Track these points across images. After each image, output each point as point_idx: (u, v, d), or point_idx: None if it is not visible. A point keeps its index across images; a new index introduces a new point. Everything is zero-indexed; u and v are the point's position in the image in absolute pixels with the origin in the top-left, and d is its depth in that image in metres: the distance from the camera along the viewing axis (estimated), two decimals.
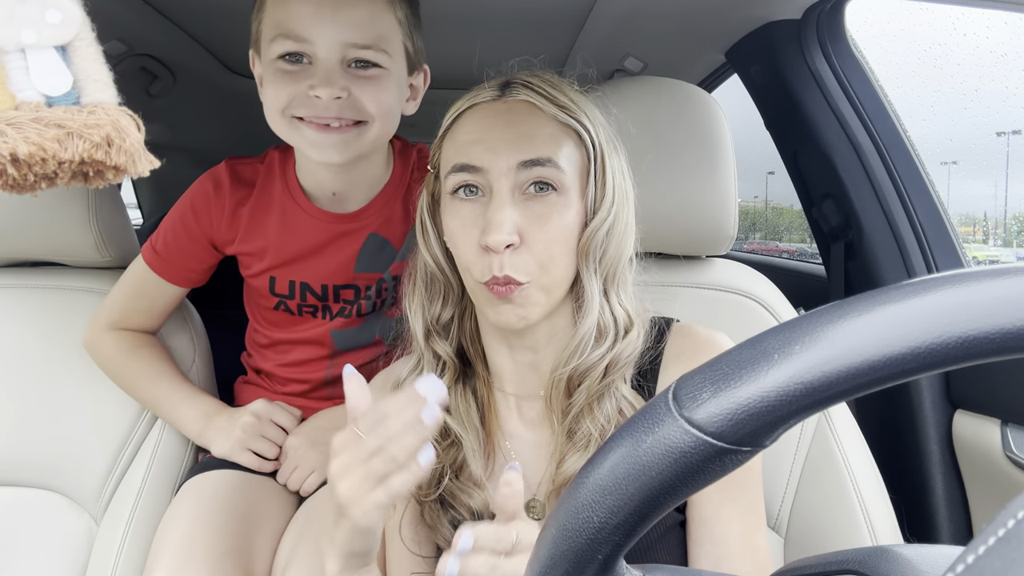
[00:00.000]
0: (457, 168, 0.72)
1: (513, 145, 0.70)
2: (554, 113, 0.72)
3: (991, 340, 0.29)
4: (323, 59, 0.87)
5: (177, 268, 1.08)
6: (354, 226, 1.05)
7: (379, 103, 0.90)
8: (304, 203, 1.04)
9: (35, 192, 0.40)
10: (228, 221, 1.05)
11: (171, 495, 1.08)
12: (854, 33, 1.35)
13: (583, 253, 0.73)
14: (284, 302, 1.10)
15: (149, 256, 1.07)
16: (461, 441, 0.76)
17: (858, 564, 0.42)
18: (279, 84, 0.88)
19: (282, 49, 0.87)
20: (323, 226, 1.04)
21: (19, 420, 1.11)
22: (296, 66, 0.88)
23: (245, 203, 1.04)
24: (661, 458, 0.33)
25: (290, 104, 0.88)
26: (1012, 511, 0.25)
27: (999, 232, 2.37)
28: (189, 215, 1.05)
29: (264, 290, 1.09)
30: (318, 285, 1.07)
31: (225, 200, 1.04)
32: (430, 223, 0.79)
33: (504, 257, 0.68)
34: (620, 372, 0.74)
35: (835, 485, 0.94)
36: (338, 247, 1.05)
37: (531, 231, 0.69)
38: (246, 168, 1.06)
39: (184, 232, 1.06)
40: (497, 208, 0.68)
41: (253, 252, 1.06)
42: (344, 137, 0.89)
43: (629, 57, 1.64)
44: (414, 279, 0.80)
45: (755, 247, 3.19)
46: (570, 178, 0.71)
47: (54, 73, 0.38)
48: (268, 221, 1.05)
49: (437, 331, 0.79)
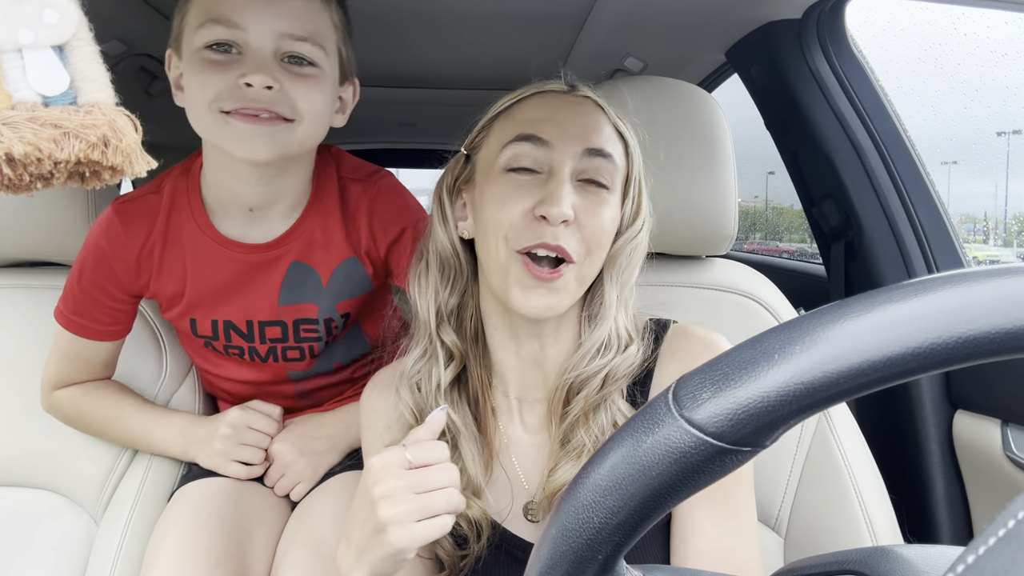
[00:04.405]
0: (522, 137, 0.72)
1: (582, 131, 0.72)
2: (614, 120, 0.76)
3: (991, 340, 0.29)
4: (255, 47, 0.82)
5: (99, 325, 1.00)
6: (272, 255, 0.97)
7: (311, 101, 0.85)
8: (215, 235, 0.96)
9: (31, 192, 0.40)
10: (135, 268, 0.97)
11: (169, 496, 1.07)
12: (854, 33, 1.35)
13: (611, 260, 0.75)
14: (210, 343, 1.03)
15: (65, 321, 1.00)
16: (459, 448, 0.76)
17: (858, 564, 0.42)
18: (206, 75, 0.82)
19: (211, 36, 0.81)
20: (238, 257, 0.96)
21: (19, 421, 1.11)
22: (225, 56, 0.82)
23: (148, 243, 0.96)
24: (661, 458, 0.33)
25: (218, 96, 0.82)
26: (1012, 511, 0.25)
27: (999, 232, 2.37)
28: (91, 272, 0.97)
29: (187, 331, 1.03)
30: (242, 322, 1.00)
31: (124, 247, 0.96)
32: (449, 206, 0.79)
33: (559, 230, 0.69)
34: (617, 385, 0.74)
35: (835, 485, 0.94)
36: (258, 279, 0.98)
37: (584, 215, 0.71)
38: (138, 205, 0.97)
39: (94, 290, 0.98)
40: (560, 183, 0.70)
41: (169, 294, 0.99)
42: (272, 130, 0.83)
43: (629, 57, 1.64)
44: (427, 263, 0.80)
45: (755, 247, 3.19)
46: (618, 181, 0.74)
47: (51, 73, 0.38)
48: (179, 258, 0.97)
49: (447, 318, 0.79)
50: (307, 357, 1.05)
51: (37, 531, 1.08)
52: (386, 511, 0.60)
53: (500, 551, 0.76)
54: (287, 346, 1.03)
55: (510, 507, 0.77)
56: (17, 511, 1.09)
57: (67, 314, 1.00)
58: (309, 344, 1.04)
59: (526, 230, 0.70)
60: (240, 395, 1.10)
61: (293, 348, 1.04)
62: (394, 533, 0.59)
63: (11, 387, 1.12)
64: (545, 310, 0.70)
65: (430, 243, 0.80)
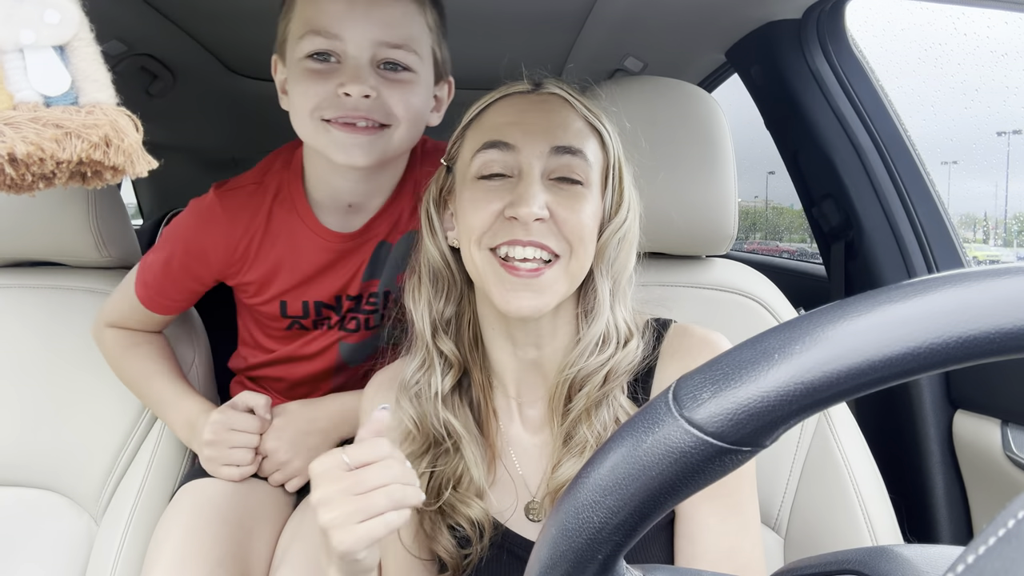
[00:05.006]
0: (488, 144, 0.72)
1: (547, 130, 0.72)
2: (583, 112, 0.75)
3: (991, 340, 0.29)
4: (353, 56, 0.85)
5: (172, 303, 1.06)
6: (363, 240, 1.02)
7: (407, 106, 0.88)
8: (317, 227, 1.00)
9: (33, 192, 0.40)
10: (231, 256, 1.01)
11: (170, 495, 1.07)
12: (854, 33, 1.35)
13: (600, 254, 0.74)
14: (298, 322, 1.07)
15: (141, 291, 1.04)
16: (461, 450, 0.76)
17: (858, 564, 0.42)
18: (307, 84, 0.86)
19: (311, 47, 0.86)
20: (335, 246, 1.01)
21: (20, 421, 1.11)
22: (325, 65, 0.86)
23: (248, 233, 1.00)
24: (661, 458, 0.33)
25: (319, 105, 0.86)
26: (1012, 511, 0.25)
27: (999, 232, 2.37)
28: (182, 256, 1.01)
29: (274, 314, 1.06)
30: (332, 299, 1.05)
31: (225, 235, 0.99)
32: (436, 217, 0.79)
33: (532, 227, 0.69)
34: (619, 381, 0.74)
35: (835, 485, 0.94)
36: (348, 262, 1.03)
37: (560, 211, 0.70)
38: (242, 195, 1.01)
39: (182, 273, 1.02)
40: (528, 184, 0.69)
41: (259, 280, 1.03)
42: (370, 139, 0.87)
43: (629, 57, 1.64)
44: (419, 276, 0.80)
45: (755, 247, 3.19)
46: (594, 175, 0.73)
47: (52, 73, 0.38)
48: (276, 248, 1.01)
49: (443, 328, 0.79)
50: (362, 329, 1.09)
51: (37, 531, 1.08)
52: (324, 515, 0.60)
53: (503, 550, 0.76)
54: (355, 314, 1.08)
55: (513, 507, 0.77)
56: (17, 511, 1.09)
57: (150, 293, 1.04)
58: (366, 316, 1.08)
59: (499, 230, 0.70)
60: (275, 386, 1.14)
61: (351, 319, 1.08)
62: (335, 536, 0.59)
63: (11, 387, 1.12)
64: (531, 310, 0.70)
65: (421, 256, 0.80)
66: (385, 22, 0.86)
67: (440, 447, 0.77)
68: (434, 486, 0.76)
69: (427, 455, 0.77)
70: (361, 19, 0.85)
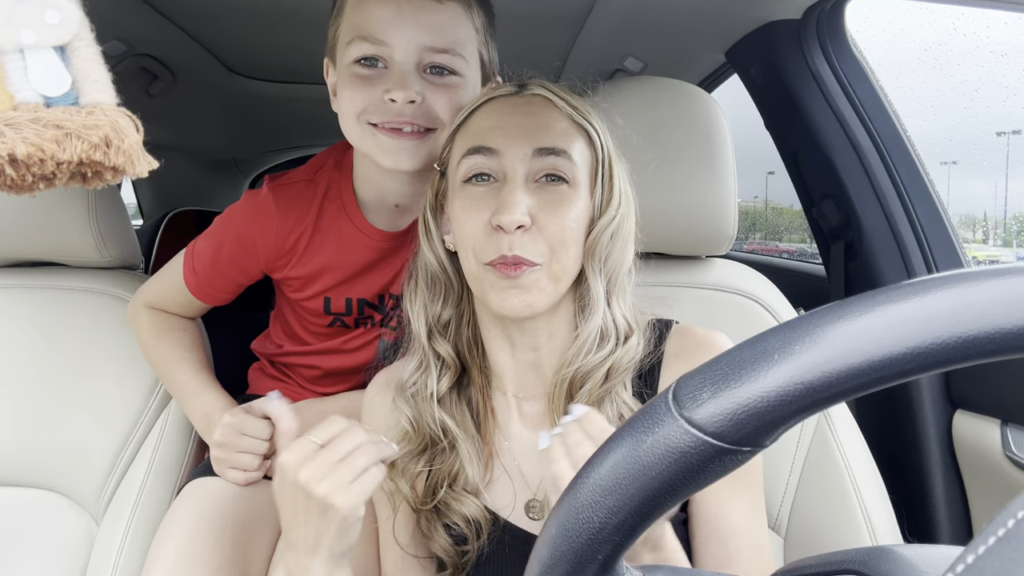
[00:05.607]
0: (472, 150, 0.73)
1: (530, 133, 0.72)
2: (568, 112, 0.75)
3: (991, 340, 0.29)
4: (399, 62, 0.86)
5: (217, 292, 1.07)
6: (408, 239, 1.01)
7: (452, 110, 0.88)
8: (365, 227, 1.01)
9: (33, 193, 0.40)
10: (280, 250, 1.02)
11: (171, 495, 1.07)
12: (854, 33, 1.35)
13: (589, 252, 0.74)
14: (340, 319, 1.08)
15: (189, 278, 1.06)
16: (457, 448, 0.77)
17: (858, 564, 0.42)
18: (354, 89, 0.88)
19: (359, 52, 0.87)
20: (382, 246, 1.03)
21: (19, 420, 1.11)
22: (372, 70, 0.87)
23: (298, 229, 1.01)
24: (661, 458, 0.33)
25: (365, 110, 0.88)
26: (1012, 511, 0.25)
27: (999, 232, 2.37)
28: (232, 247, 1.02)
29: (318, 310, 1.07)
30: (375, 297, 1.06)
31: (275, 230, 1.01)
32: (433, 222, 0.80)
33: (515, 238, 0.69)
34: (620, 378, 0.74)
35: (835, 485, 0.94)
36: (393, 260, 1.04)
37: (543, 216, 0.71)
38: (295, 192, 1.02)
39: (230, 264, 1.04)
40: (511, 190, 0.70)
41: (305, 276, 1.04)
42: (415, 143, 0.88)
43: (629, 57, 1.64)
44: (416, 279, 0.81)
45: (755, 247, 3.19)
46: (581, 174, 0.73)
47: (53, 73, 0.38)
48: (324, 246, 1.02)
49: (439, 331, 0.80)
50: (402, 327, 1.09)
51: (38, 531, 1.08)
52: (321, 486, 0.63)
53: (503, 545, 0.76)
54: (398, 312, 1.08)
55: (512, 505, 0.77)
56: (17, 511, 1.09)
57: (199, 282, 1.05)
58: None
59: (487, 243, 0.71)
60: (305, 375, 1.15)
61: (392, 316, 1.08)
62: (339, 498, 0.63)
63: (11, 387, 1.12)
64: (522, 309, 0.70)
65: (418, 260, 0.81)
66: (431, 27, 0.86)
67: (436, 446, 0.78)
68: (430, 485, 0.77)
69: (424, 455, 0.78)
70: (408, 25, 0.85)
